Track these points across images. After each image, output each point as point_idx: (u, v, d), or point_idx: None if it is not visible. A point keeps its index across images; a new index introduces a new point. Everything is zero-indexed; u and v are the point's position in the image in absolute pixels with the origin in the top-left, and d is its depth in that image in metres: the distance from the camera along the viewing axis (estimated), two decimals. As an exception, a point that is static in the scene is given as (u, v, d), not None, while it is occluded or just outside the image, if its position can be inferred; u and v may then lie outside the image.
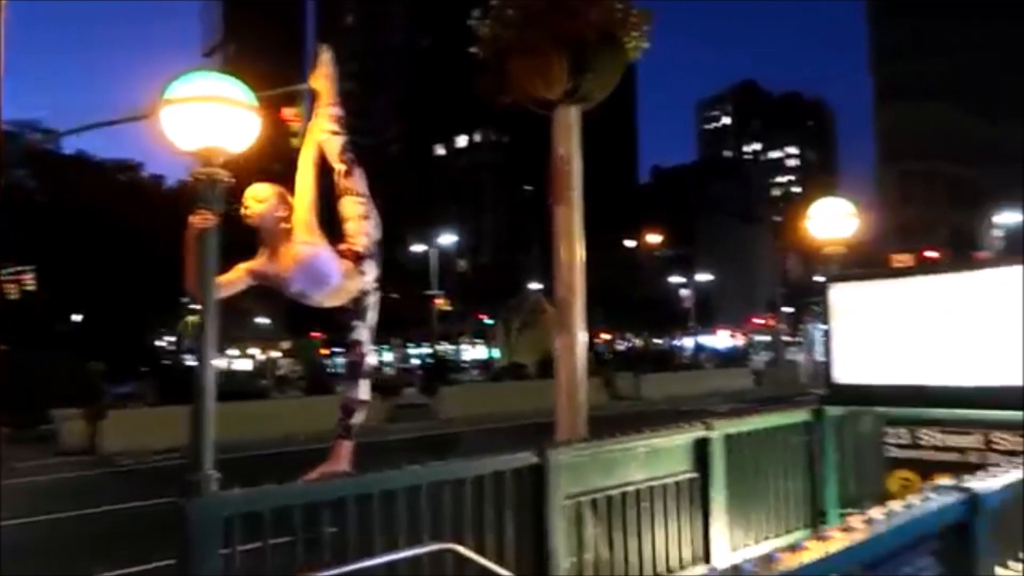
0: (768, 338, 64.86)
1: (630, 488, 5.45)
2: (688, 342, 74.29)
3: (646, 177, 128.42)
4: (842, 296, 6.69)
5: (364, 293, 4.51)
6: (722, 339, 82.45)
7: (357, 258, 4.45)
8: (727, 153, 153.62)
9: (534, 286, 51.62)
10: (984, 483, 2.91)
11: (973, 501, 2.75)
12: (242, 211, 4.26)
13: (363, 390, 4.49)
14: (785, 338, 56.46)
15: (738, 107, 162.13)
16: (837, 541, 2.28)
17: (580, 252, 6.16)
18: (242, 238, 4.31)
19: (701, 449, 5.88)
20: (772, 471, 6.33)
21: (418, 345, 60.39)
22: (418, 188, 75.89)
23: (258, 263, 4.33)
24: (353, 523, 3.95)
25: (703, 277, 78.28)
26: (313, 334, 52.59)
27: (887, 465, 6.04)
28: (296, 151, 4.56)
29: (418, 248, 49.92)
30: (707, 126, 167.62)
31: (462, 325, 62.89)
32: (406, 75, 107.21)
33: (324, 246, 4.33)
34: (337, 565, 3.79)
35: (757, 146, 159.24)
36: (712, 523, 5.85)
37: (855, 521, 2.45)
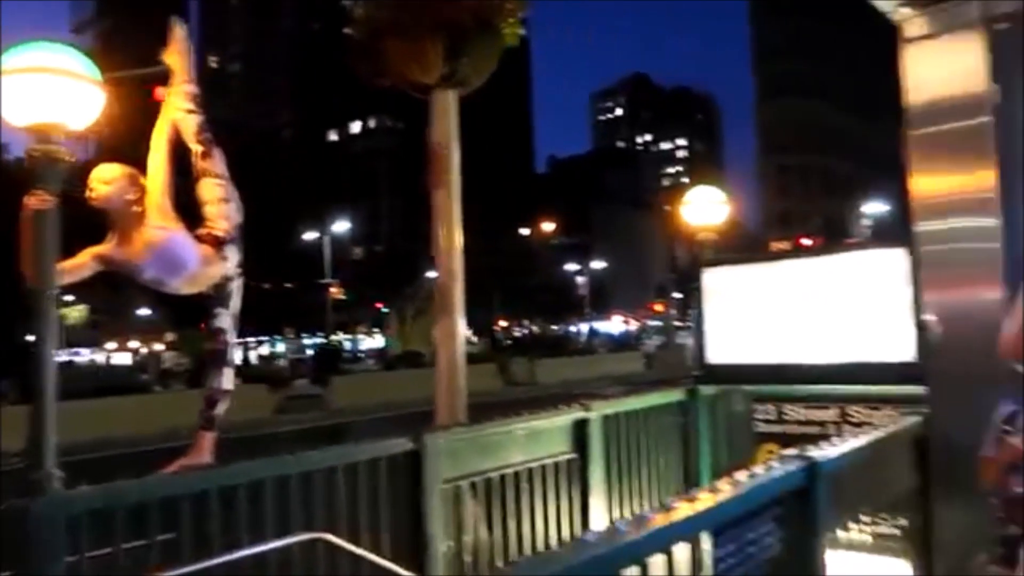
0: (660, 323, 66.26)
1: (509, 470, 5.50)
2: (584, 328, 75.30)
3: (543, 167, 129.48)
4: (714, 280, 6.91)
5: (226, 279, 4.40)
6: (616, 325, 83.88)
7: (217, 243, 4.33)
8: (620, 144, 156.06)
9: (431, 274, 51.33)
10: (824, 452, 3.07)
11: (812, 468, 2.91)
12: (87, 193, 4.08)
13: (226, 380, 4.39)
14: (676, 323, 57.79)
15: (631, 99, 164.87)
16: (702, 501, 2.40)
17: (458, 238, 6.18)
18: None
19: (580, 430, 5.98)
20: (649, 449, 6.50)
21: (313, 335, 59.59)
22: (312, 174, 74.60)
23: (106, 248, 4.16)
24: (217, 517, 3.84)
25: (598, 264, 79.44)
26: (202, 325, 51.15)
27: (756, 439, 6.28)
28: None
29: (312, 236, 49.14)
30: (601, 117, 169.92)
31: (359, 314, 62.26)
32: (298, 59, 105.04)
33: (179, 230, 4.19)
34: (198, 561, 3.67)
35: (649, 137, 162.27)
36: (591, 501, 5.96)
37: (706, 489, 2.57)
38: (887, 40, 4.49)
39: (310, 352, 56.40)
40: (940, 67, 4.22)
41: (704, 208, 7.17)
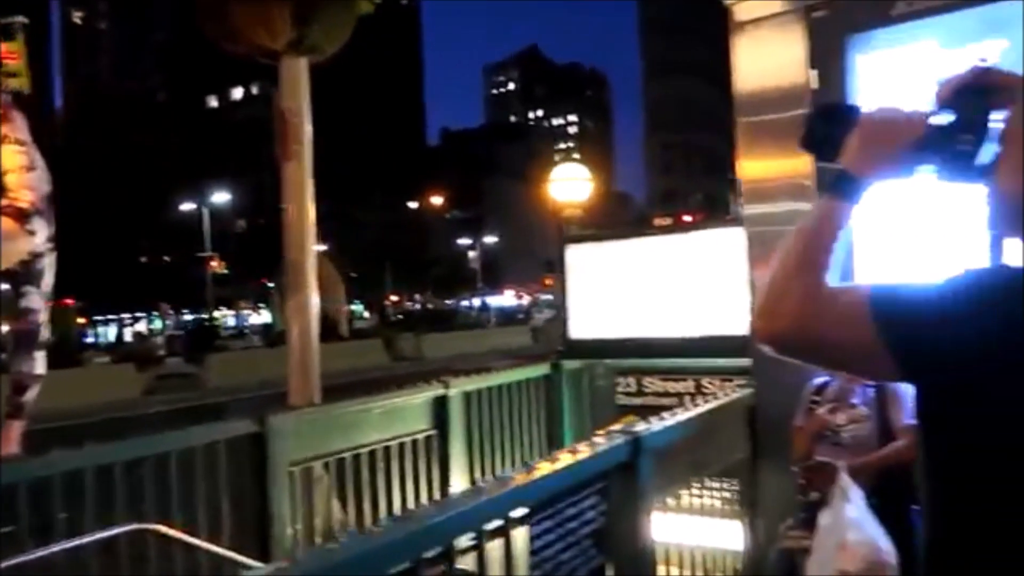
0: (551, 297, 66.95)
1: (364, 449, 5.38)
2: (476, 302, 75.44)
3: (436, 140, 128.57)
4: (577, 256, 6.90)
5: (35, 255, 4.10)
6: (508, 299, 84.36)
7: (21, 215, 4.01)
8: (513, 118, 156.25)
9: (318, 247, 50.36)
10: (648, 427, 3.06)
11: (636, 443, 2.90)
12: None
13: (38, 364, 4.09)
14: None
15: (523, 74, 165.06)
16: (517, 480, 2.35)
17: (310, 210, 5.99)
18: None
19: (440, 407, 5.91)
20: (512, 424, 6.47)
21: (195, 312, 57.92)
22: (191, 142, 71.78)
23: None
24: (28, 513, 3.58)
25: (491, 239, 79.55)
26: (67, 300, 49.03)
27: (618, 412, 6.32)
28: (15, 92, 4.09)
29: (191, 207, 47.51)
30: (495, 91, 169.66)
31: (244, 289, 60.75)
32: (174, 15, 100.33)
33: None
34: (5, 559, 3.41)
35: (541, 112, 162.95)
36: (451, 476, 5.91)
37: (542, 462, 2.54)
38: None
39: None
40: (765, 55, 4.28)
41: (569, 185, 7.15)
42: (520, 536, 2.38)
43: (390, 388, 5.67)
